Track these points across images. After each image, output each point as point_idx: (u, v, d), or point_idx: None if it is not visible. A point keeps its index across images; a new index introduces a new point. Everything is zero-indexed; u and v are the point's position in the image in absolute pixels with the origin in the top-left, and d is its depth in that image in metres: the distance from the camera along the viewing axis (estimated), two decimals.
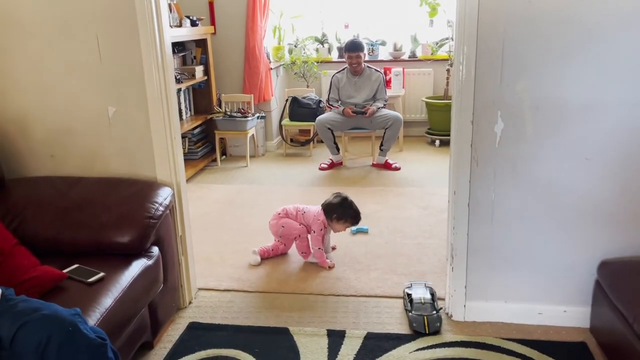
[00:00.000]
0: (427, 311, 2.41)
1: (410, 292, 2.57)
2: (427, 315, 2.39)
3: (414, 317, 2.41)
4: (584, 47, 2.05)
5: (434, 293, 2.56)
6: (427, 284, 2.64)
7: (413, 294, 2.53)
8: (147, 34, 2.26)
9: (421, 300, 2.47)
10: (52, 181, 2.37)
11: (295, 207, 3.15)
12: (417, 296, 2.51)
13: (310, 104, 5.37)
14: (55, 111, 2.41)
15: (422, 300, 2.47)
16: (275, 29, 5.66)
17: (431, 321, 2.36)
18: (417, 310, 2.43)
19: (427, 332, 2.33)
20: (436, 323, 2.37)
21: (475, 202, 2.28)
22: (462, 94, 2.19)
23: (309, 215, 3.06)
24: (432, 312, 2.41)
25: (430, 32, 5.77)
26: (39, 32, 2.32)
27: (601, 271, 2.16)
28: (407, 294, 2.57)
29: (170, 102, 2.39)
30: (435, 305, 2.47)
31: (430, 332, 2.34)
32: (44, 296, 1.79)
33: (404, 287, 2.66)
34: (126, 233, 2.11)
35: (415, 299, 2.49)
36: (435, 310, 2.43)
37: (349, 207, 3.02)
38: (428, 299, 2.49)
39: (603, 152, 2.14)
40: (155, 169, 2.43)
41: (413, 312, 2.43)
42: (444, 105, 5.44)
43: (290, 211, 3.13)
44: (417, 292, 2.55)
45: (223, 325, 2.44)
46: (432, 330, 2.34)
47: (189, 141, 4.97)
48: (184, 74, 4.79)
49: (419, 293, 2.54)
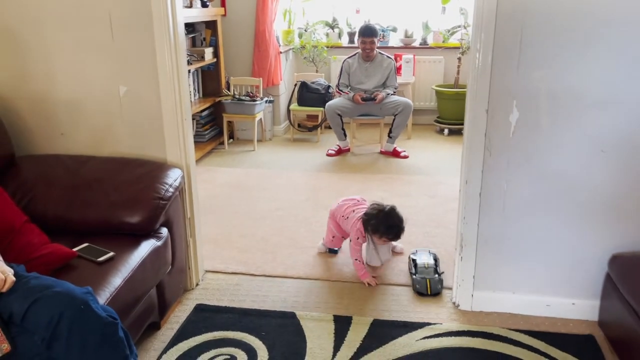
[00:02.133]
0: (430, 275, 2.60)
1: (415, 257, 2.75)
2: (430, 278, 2.57)
3: (417, 279, 2.58)
4: (604, 38, 2.01)
5: (437, 259, 2.73)
6: (431, 251, 2.83)
7: (417, 259, 2.72)
8: (160, 13, 2.23)
9: (425, 265, 2.66)
10: (62, 159, 2.36)
11: (345, 206, 2.83)
12: (421, 261, 2.69)
13: (319, 89, 5.33)
14: (66, 89, 2.40)
15: (426, 265, 2.66)
16: (286, 12, 5.60)
17: (433, 284, 2.55)
18: (420, 274, 2.61)
19: (429, 294, 2.52)
20: (437, 285, 2.55)
21: (487, 192, 2.26)
22: (478, 82, 2.16)
23: (349, 222, 2.76)
24: (434, 275, 2.59)
25: (442, 20, 5.70)
26: (51, 9, 2.30)
27: (612, 265, 2.14)
28: (412, 259, 2.75)
29: (181, 83, 2.37)
30: (438, 269, 2.65)
31: (431, 293, 2.52)
32: (54, 274, 1.79)
33: (410, 254, 2.82)
34: (136, 213, 2.11)
35: (419, 263, 2.68)
36: (437, 274, 2.61)
37: (384, 219, 2.63)
38: (431, 264, 2.67)
39: (619, 144, 2.11)
40: (166, 150, 2.41)
41: (417, 275, 2.61)
42: (454, 93, 5.39)
43: (336, 212, 2.86)
44: (421, 257, 2.74)
45: (230, 307, 2.45)
46: (434, 291, 2.53)
47: (197, 123, 4.95)
48: (193, 55, 4.75)
49: (423, 259, 2.72)
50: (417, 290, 2.55)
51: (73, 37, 2.32)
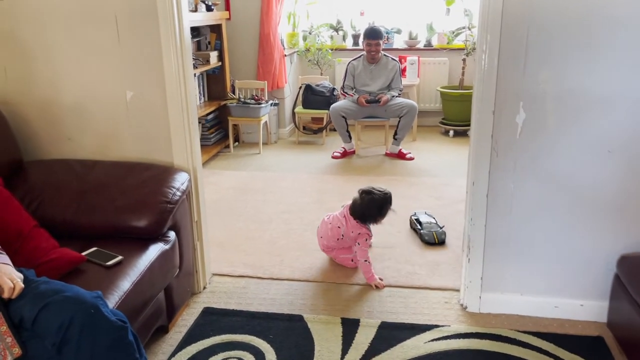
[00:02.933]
0: (435, 228, 3.13)
1: (417, 217, 3.26)
2: (435, 230, 3.10)
3: (425, 233, 3.11)
4: (610, 38, 2.01)
5: (434, 217, 3.27)
6: (427, 212, 3.34)
7: (420, 218, 3.24)
8: (166, 17, 2.24)
9: (428, 222, 3.19)
10: (69, 164, 2.37)
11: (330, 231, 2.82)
12: (424, 219, 3.22)
13: (324, 91, 5.34)
14: (73, 94, 2.41)
15: (429, 222, 3.19)
16: (290, 15, 5.62)
17: (438, 234, 3.08)
18: (426, 228, 3.13)
19: (437, 242, 3.04)
20: (442, 236, 3.08)
21: (494, 193, 2.26)
22: (484, 83, 2.16)
23: (348, 234, 2.76)
24: (438, 228, 3.13)
25: (446, 21, 5.70)
26: (58, 14, 2.31)
27: (621, 265, 2.13)
28: (416, 219, 3.25)
29: (188, 86, 2.38)
30: (438, 224, 3.19)
31: (438, 242, 3.05)
32: (63, 278, 1.80)
33: (410, 216, 3.32)
34: (143, 217, 2.12)
35: (423, 221, 3.20)
36: (439, 227, 3.14)
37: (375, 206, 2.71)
38: (433, 221, 3.20)
39: (626, 145, 2.10)
40: (172, 153, 2.42)
41: (424, 229, 3.13)
42: (459, 95, 5.39)
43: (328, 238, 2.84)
44: (422, 217, 3.26)
45: (237, 310, 2.45)
46: (440, 240, 3.06)
47: (203, 127, 4.96)
48: (198, 59, 4.77)
49: (425, 218, 3.25)
50: (427, 241, 3.06)
51: (80, 42, 2.34)
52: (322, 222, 2.92)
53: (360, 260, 2.72)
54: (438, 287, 2.63)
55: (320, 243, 2.91)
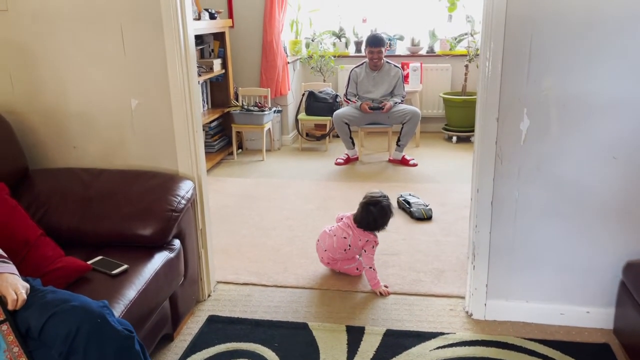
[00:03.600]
0: (422, 206, 3.57)
1: (405, 198, 3.70)
2: (423, 208, 3.55)
3: (415, 210, 3.54)
4: (612, 44, 2.01)
5: (418, 197, 3.74)
6: (412, 194, 3.78)
7: (408, 199, 3.67)
8: (171, 26, 2.25)
9: (416, 202, 3.63)
10: (74, 172, 2.38)
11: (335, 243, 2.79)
12: (412, 200, 3.65)
13: (327, 98, 5.35)
14: (78, 103, 2.43)
15: (416, 202, 3.62)
16: (293, 22, 5.64)
17: (427, 211, 3.53)
18: (415, 206, 3.56)
19: (426, 217, 3.49)
20: (429, 212, 3.54)
21: (499, 200, 2.26)
22: (488, 90, 2.16)
23: (355, 244, 2.75)
24: (424, 206, 3.58)
25: (448, 27, 5.71)
26: (63, 23, 2.33)
27: (627, 272, 2.12)
28: (404, 200, 3.69)
29: (192, 95, 2.39)
30: (424, 203, 3.62)
31: (427, 217, 3.50)
32: (69, 287, 1.81)
33: (397, 197, 3.74)
34: (149, 225, 2.12)
35: (411, 201, 3.63)
36: (425, 205, 3.59)
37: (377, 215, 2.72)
38: (420, 201, 3.65)
39: (630, 151, 2.10)
40: (177, 161, 2.43)
41: (413, 208, 3.56)
42: (461, 101, 5.39)
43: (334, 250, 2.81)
44: (409, 198, 3.69)
45: (242, 319, 2.45)
46: (428, 216, 3.51)
47: (206, 134, 4.97)
48: (202, 67, 4.79)
49: (412, 199, 3.68)
50: (417, 217, 3.50)
51: (85, 51, 2.35)
52: (324, 234, 2.86)
53: (365, 267, 2.71)
54: (443, 295, 2.63)
55: (323, 256, 2.84)
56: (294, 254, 3.10)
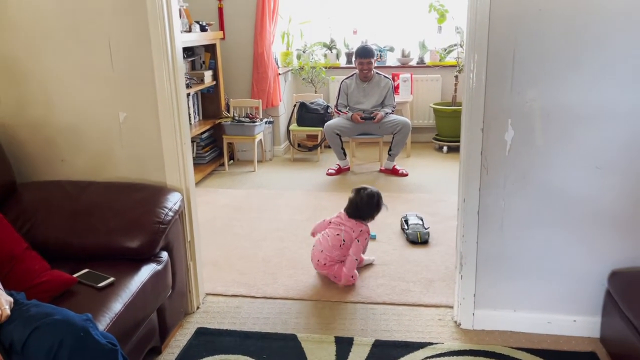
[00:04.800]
0: (419, 228, 3.38)
1: (407, 218, 3.53)
2: (419, 230, 3.35)
3: (410, 232, 3.36)
4: (594, 55, 2.04)
5: (423, 218, 3.53)
6: (417, 215, 3.59)
7: (409, 220, 3.50)
8: (158, 40, 2.27)
9: (415, 223, 3.44)
10: (62, 185, 2.38)
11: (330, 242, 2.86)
12: (412, 221, 3.47)
13: (318, 109, 5.38)
14: (66, 116, 2.43)
15: (416, 223, 3.44)
16: (284, 34, 5.68)
17: (422, 234, 3.33)
18: (412, 229, 3.38)
19: (420, 241, 3.29)
20: (425, 236, 3.33)
21: (485, 210, 2.28)
22: (473, 101, 2.19)
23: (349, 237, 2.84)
24: (422, 229, 3.37)
25: (438, 39, 5.77)
26: (52, 38, 2.34)
27: (612, 281, 2.14)
28: (405, 220, 3.52)
29: (180, 107, 2.40)
30: (424, 225, 3.43)
31: (421, 241, 3.30)
32: (55, 300, 1.80)
33: (401, 217, 3.58)
34: (136, 238, 2.12)
35: (410, 222, 3.46)
36: (424, 228, 3.39)
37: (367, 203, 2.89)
38: (420, 223, 3.45)
39: (614, 160, 2.13)
40: (165, 174, 2.43)
41: (409, 229, 3.38)
42: (452, 111, 5.44)
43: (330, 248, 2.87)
44: (411, 219, 3.51)
45: (231, 330, 2.44)
46: (423, 240, 3.30)
47: (197, 145, 4.98)
48: (192, 78, 4.81)
49: (413, 219, 3.50)
50: (411, 240, 3.32)
51: (73, 64, 2.36)
52: (317, 241, 2.94)
53: (351, 257, 2.77)
54: (432, 304, 2.63)
55: (320, 258, 2.86)
56: (284, 265, 3.10)
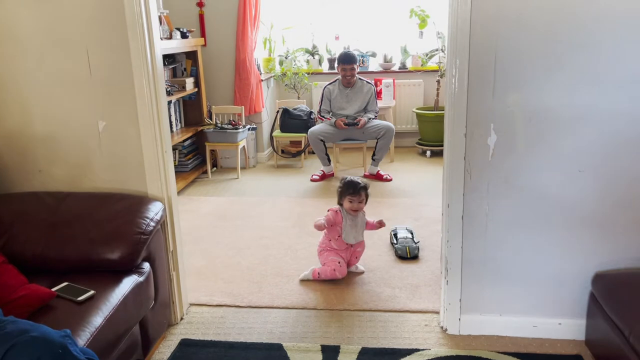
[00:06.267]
0: (409, 243, 3.22)
1: (396, 232, 3.37)
2: (408, 245, 3.19)
3: (399, 247, 3.21)
4: (574, 60, 2.06)
5: (413, 232, 3.38)
6: (408, 228, 3.45)
7: (398, 233, 3.34)
8: (137, 48, 2.24)
9: (404, 237, 3.28)
10: (40, 197, 2.33)
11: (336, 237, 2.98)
12: (401, 235, 3.32)
13: (301, 115, 5.37)
14: (43, 126, 2.38)
15: (405, 237, 3.29)
16: (266, 40, 5.67)
17: (411, 250, 3.17)
18: (401, 243, 3.23)
19: (409, 257, 3.13)
20: (415, 251, 3.17)
21: (469, 214, 2.28)
22: (455, 107, 2.19)
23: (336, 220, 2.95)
24: (411, 243, 3.22)
25: (420, 44, 5.81)
26: (28, 46, 2.29)
27: (596, 283, 2.15)
28: (394, 234, 3.36)
29: (161, 115, 2.36)
30: (414, 239, 3.28)
31: (410, 257, 3.14)
32: (33, 315, 1.76)
33: (390, 231, 3.40)
34: (116, 249, 2.08)
35: (400, 236, 3.30)
36: (414, 242, 3.24)
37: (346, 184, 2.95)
38: (409, 236, 3.30)
39: (595, 163, 2.14)
40: (146, 183, 2.39)
41: (398, 244, 3.23)
42: (434, 115, 5.46)
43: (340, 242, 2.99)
44: (401, 232, 3.36)
45: (215, 341, 2.40)
46: (412, 255, 3.15)
47: (179, 153, 4.93)
48: (174, 86, 4.77)
49: (402, 233, 3.34)
50: (399, 255, 3.16)
51: (50, 73, 2.32)
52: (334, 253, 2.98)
53: None
54: (418, 310, 2.62)
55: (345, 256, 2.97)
56: (269, 273, 3.07)
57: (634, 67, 2.02)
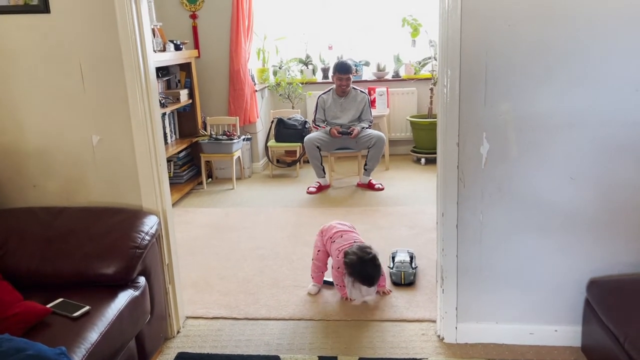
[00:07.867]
0: (405, 268, 2.99)
1: (395, 255, 3.15)
2: (404, 270, 2.98)
3: (394, 272, 3.00)
4: (564, 68, 2.08)
5: (413, 256, 3.14)
6: (409, 251, 3.21)
7: (396, 257, 3.11)
8: (130, 60, 2.24)
9: (401, 261, 3.04)
10: (34, 212, 2.32)
11: (335, 229, 2.91)
12: (398, 258, 3.08)
13: (296, 124, 5.39)
14: (37, 141, 2.38)
15: (402, 260, 3.04)
16: (259, 51, 5.69)
17: (406, 276, 2.97)
18: (397, 268, 3.00)
19: (403, 283, 2.94)
20: (410, 277, 2.97)
21: (464, 223, 2.29)
22: (447, 116, 2.21)
23: (334, 247, 2.82)
24: (408, 269, 2.99)
25: (412, 52, 5.84)
26: (21, 61, 2.30)
27: (590, 290, 2.16)
28: (392, 257, 3.14)
29: (155, 129, 2.37)
30: (412, 264, 3.04)
31: (405, 283, 2.94)
32: (28, 333, 1.75)
33: (390, 253, 3.19)
34: (112, 264, 2.07)
35: (396, 260, 3.07)
36: (411, 268, 3.00)
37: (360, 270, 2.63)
38: (407, 261, 3.05)
39: (587, 170, 2.16)
40: (141, 196, 2.40)
41: (394, 268, 3.01)
42: (428, 123, 5.49)
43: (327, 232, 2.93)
44: (399, 255, 3.13)
45: (212, 354, 2.39)
46: (407, 282, 2.95)
47: (174, 165, 4.93)
48: (168, 98, 4.78)
49: (401, 256, 3.11)
50: (393, 281, 2.97)
51: (44, 89, 2.32)
52: None
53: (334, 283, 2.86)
54: (415, 319, 2.62)
55: None
56: (265, 284, 3.06)
57: (624, 74, 2.05)
